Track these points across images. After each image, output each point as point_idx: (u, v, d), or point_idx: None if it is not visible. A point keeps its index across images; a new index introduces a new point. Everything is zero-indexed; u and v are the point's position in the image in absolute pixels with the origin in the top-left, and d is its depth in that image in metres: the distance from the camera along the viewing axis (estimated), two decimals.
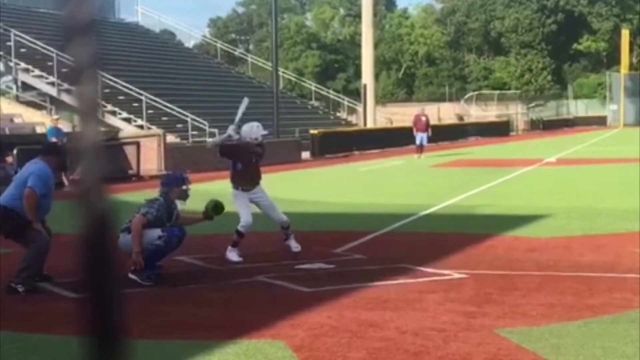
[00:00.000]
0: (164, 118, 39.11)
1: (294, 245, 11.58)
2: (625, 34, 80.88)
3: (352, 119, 59.01)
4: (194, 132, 38.54)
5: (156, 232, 9.82)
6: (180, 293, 9.46)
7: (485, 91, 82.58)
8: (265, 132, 12.33)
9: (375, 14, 60.66)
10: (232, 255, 11.27)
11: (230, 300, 9.02)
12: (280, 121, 38.73)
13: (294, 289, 9.50)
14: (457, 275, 10.02)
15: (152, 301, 8.97)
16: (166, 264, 10.34)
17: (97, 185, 1.58)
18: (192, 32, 69.10)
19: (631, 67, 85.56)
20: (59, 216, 9.85)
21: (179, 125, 38.83)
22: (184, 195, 10.41)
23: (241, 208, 11.54)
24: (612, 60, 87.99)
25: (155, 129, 34.42)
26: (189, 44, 66.53)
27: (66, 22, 1.53)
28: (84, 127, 1.56)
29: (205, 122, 38.92)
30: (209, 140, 12.03)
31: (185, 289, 9.64)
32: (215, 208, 10.94)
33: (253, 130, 11.85)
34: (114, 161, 26.58)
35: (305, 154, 37.75)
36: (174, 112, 39.37)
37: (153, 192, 10.91)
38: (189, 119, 38.77)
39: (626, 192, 20.19)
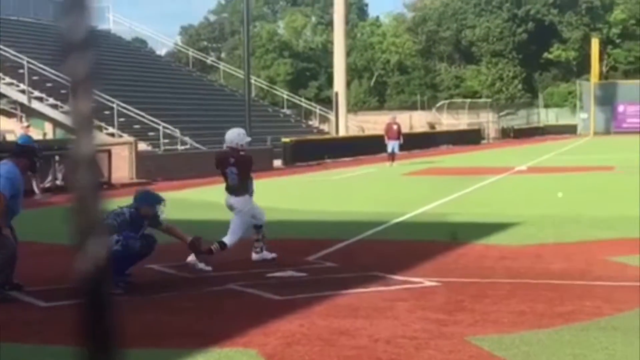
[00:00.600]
0: (136, 126, 38.98)
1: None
2: (595, 43, 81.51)
3: (324, 127, 59.07)
4: (166, 140, 38.44)
5: (112, 237, 9.79)
6: (151, 301, 9.42)
7: (456, 100, 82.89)
8: (249, 139, 12.37)
9: (347, 23, 60.79)
10: (202, 263, 11.19)
11: (201, 309, 8.99)
12: (252, 129, 38.68)
13: (265, 297, 9.49)
14: (428, 283, 10.05)
15: (123, 309, 8.92)
16: (137, 272, 10.30)
17: (92, 195, 1.59)
18: (163, 40, 68.87)
19: (601, 76, 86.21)
20: (29, 224, 9.84)
21: (151, 133, 38.72)
22: (155, 220, 10.36)
23: (244, 227, 11.51)
24: (582, 69, 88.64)
25: (126, 137, 34.32)
26: (161, 51, 66.47)
27: (64, 37, 1.54)
28: (80, 140, 1.57)
29: (177, 130, 38.85)
30: None
31: (156, 297, 9.61)
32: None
33: (240, 137, 11.86)
34: None
35: (277, 162, 37.74)
36: (145, 120, 39.24)
37: (123, 201, 10.85)
38: (160, 127, 38.65)
39: (596, 200, 20.36)
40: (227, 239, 11.38)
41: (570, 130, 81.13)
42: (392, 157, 36.28)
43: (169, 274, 11.08)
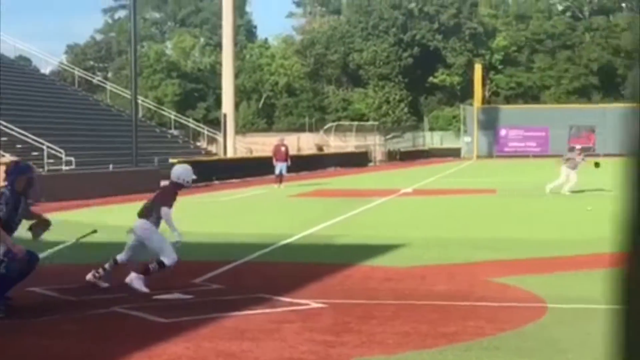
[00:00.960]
0: (19, 146, 38.13)
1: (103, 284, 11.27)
2: (478, 68, 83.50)
3: (212, 148, 58.90)
4: (50, 161, 37.69)
5: None
6: (32, 325, 9.19)
7: (344, 122, 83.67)
8: (195, 177, 12.28)
9: (235, 44, 60.82)
10: (140, 284, 10.99)
11: (85, 332, 8.83)
12: (139, 150, 38.29)
13: (150, 319, 9.38)
14: (315, 305, 10.09)
15: (3, 334, 8.70)
16: (17, 295, 10.05)
17: None
18: (48, 59, 67.52)
19: (484, 100, 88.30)
20: None
21: (35, 153, 37.89)
22: (30, 184, 10.12)
23: (166, 243, 11.29)
24: (466, 93, 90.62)
25: (8, 157, 33.50)
26: (46, 70, 65.27)
27: None
28: None
29: (62, 150, 38.14)
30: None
31: (38, 321, 9.38)
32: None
33: (187, 173, 11.80)
34: None
35: (165, 183, 37.32)
36: (28, 140, 38.40)
37: None
38: (44, 147, 37.89)
39: (479, 222, 20.79)
40: (165, 260, 11.21)
41: (454, 153, 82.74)
42: (280, 178, 36.35)
43: (51, 297, 10.84)
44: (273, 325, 8.98)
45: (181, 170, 11.89)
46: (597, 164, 29.42)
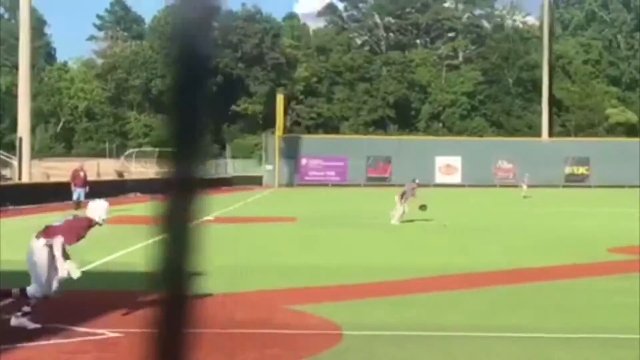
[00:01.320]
0: None
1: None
2: (280, 98, 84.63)
3: (7, 173, 56.85)
4: None
5: None
6: None
7: (146, 148, 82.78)
8: (109, 215, 11.66)
9: (33, 66, 59.16)
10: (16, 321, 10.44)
11: None
12: None
13: None
14: (111, 334, 9.91)
15: None
16: None
17: None
18: None
19: (285, 130, 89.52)
20: None
21: None
22: None
23: (45, 275, 10.72)
24: (268, 122, 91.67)
25: None
26: None
27: None
28: None
29: None
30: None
31: None
32: None
33: (105, 209, 11.40)
34: None
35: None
36: None
37: None
38: None
39: (278, 250, 21.00)
40: (29, 288, 10.72)
41: (256, 181, 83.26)
42: (78, 204, 35.53)
43: None
44: (67, 356, 8.75)
45: (98, 208, 11.50)
46: (422, 207, 30.21)
